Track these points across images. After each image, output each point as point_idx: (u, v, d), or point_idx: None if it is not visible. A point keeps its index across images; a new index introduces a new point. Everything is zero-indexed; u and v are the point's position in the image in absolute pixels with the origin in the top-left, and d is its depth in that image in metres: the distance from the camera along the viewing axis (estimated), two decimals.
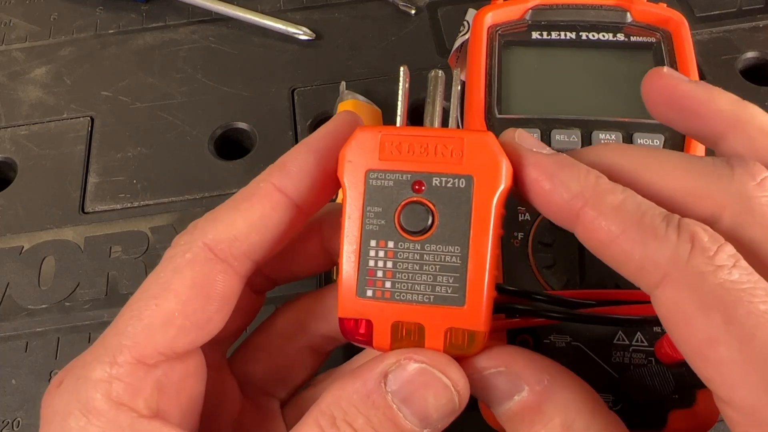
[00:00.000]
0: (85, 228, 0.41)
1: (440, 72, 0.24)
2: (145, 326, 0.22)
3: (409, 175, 0.22)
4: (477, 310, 0.21)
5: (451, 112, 0.25)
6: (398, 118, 0.24)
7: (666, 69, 0.23)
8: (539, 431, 0.20)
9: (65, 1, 0.54)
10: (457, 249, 0.21)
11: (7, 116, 0.47)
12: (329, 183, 0.24)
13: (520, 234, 0.28)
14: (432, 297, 0.21)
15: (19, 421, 0.34)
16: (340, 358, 0.31)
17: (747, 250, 0.19)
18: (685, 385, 0.25)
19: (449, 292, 0.21)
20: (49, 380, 0.35)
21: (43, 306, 0.38)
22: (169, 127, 0.46)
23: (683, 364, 0.24)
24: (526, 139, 0.22)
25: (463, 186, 0.21)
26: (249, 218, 0.23)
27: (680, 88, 0.23)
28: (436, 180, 0.22)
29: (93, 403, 0.21)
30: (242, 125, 0.45)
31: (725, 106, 0.22)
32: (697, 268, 0.18)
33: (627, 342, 0.25)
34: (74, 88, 0.48)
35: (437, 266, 0.21)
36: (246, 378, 0.27)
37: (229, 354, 0.28)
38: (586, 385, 0.21)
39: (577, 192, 0.20)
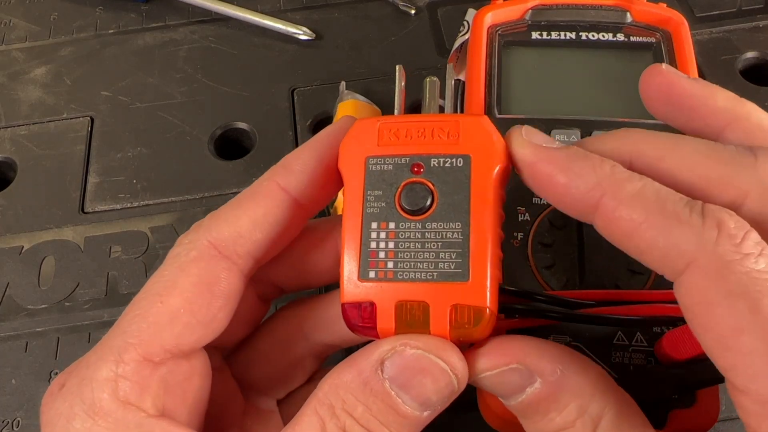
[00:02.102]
0: (85, 228, 0.41)
1: (435, 78, 0.25)
2: (150, 323, 0.22)
3: (407, 158, 0.22)
4: (481, 284, 0.21)
5: (446, 106, 0.25)
6: (396, 113, 0.25)
7: (665, 66, 0.23)
8: (554, 419, 0.21)
9: (65, 1, 0.54)
10: (458, 225, 0.21)
11: (7, 116, 0.47)
12: (331, 181, 0.24)
13: (519, 234, 0.28)
14: (435, 274, 0.21)
15: (18, 421, 0.35)
16: (339, 354, 0.31)
17: None
18: (685, 385, 0.25)
19: (452, 267, 0.21)
20: (49, 380, 0.35)
21: (43, 306, 0.38)
22: (169, 127, 0.46)
23: (683, 364, 0.24)
24: (535, 135, 0.22)
25: (461, 165, 0.22)
26: (253, 216, 0.23)
27: (679, 85, 0.23)
28: (434, 161, 0.22)
29: (99, 404, 0.21)
30: (242, 125, 0.45)
31: (723, 103, 0.22)
32: (724, 256, 0.18)
33: (626, 342, 0.25)
34: (74, 88, 0.48)
35: (439, 243, 0.21)
36: (246, 381, 0.27)
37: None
38: (599, 368, 0.21)
39: (594, 183, 0.20)
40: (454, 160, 0.22)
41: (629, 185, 0.19)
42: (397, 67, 0.25)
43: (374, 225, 0.22)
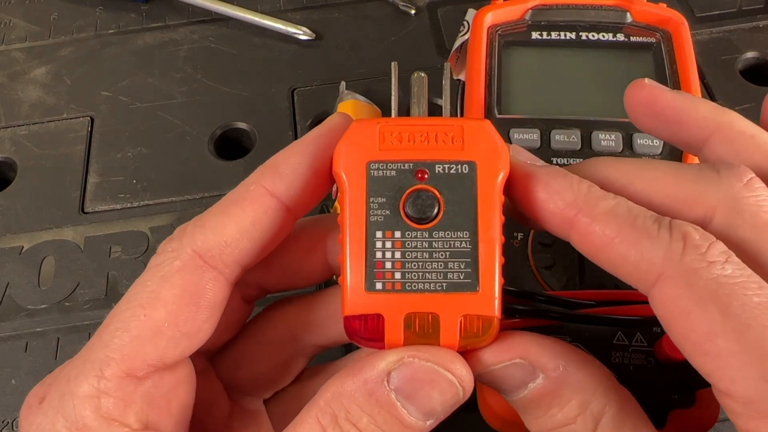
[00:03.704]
0: (85, 228, 0.41)
1: (422, 74, 0.24)
2: (133, 338, 0.21)
3: (411, 164, 0.22)
4: (490, 294, 0.21)
5: (444, 106, 0.25)
6: (393, 112, 0.24)
7: (647, 80, 0.24)
8: (555, 415, 0.21)
9: (65, 1, 0.54)
10: (466, 234, 0.21)
11: (7, 116, 0.47)
12: (321, 185, 0.23)
13: (519, 234, 0.28)
14: (445, 284, 0.21)
15: (18, 421, 0.34)
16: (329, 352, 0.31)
17: (739, 250, 0.19)
18: (684, 385, 0.25)
19: (462, 278, 0.21)
20: None
21: (43, 306, 0.38)
22: (169, 127, 0.46)
23: (683, 365, 0.24)
24: (520, 152, 0.23)
25: (466, 172, 0.21)
26: (240, 223, 0.22)
27: (662, 98, 0.23)
28: (439, 167, 0.21)
29: (82, 421, 0.21)
30: (242, 125, 0.45)
31: (705, 113, 0.23)
32: (691, 265, 0.18)
33: (626, 342, 0.25)
34: (74, 88, 0.48)
35: (447, 253, 0.21)
36: (231, 383, 0.27)
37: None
38: (600, 364, 0.21)
39: (570, 200, 0.21)
40: (459, 166, 0.21)
41: (603, 203, 0.20)
42: (393, 64, 0.24)
43: (379, 234, 0.21)
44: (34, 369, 0.36)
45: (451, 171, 0.21)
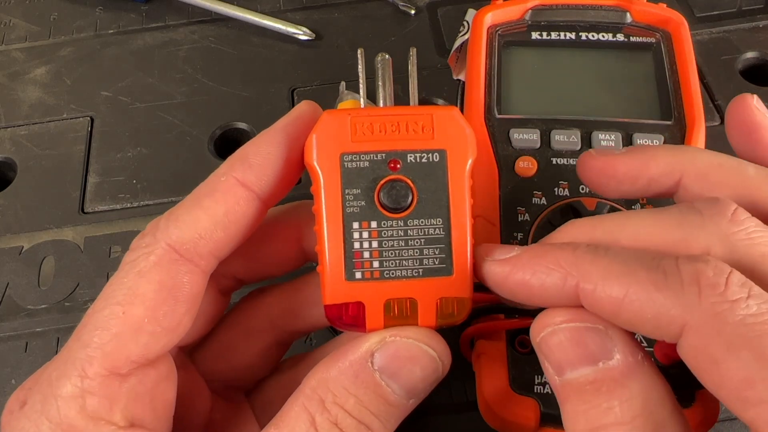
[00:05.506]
0: (84, 228, 0.41)
1: (386, 55, 0.25)
2: (113, 336, 0.21)
3: (384, 154, 0.22)
4: (464, 276, 0.22)
5: (410, 91, 0.25)
6: (361, 100, 0.25)
7: (594, 151, 0.24)
8: (613, 408, 0.18)
9: (65, 1, 0.54)
10: (439, 221, 0.22)
11: (7, 116, 0.47)
12: (291, 174, 0.24)
13: (519, 234, 0.28)
14: (421, 270, 0.22)
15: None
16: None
17: None
18: (684, 385, 0.24)
19: (437, 263, 0.22)
20: None
21: (43, 306, 0.38)
22: (169, 127, 0.46)
23: (683, 364, 0.24)
24: (494, 250, 0.22)
25: (437, 160, 0.22)
26: (213, 215, 0.23)
27: (618, 163, 0.23)
28: (411, 156, 0.22)
29: (68, 421, 0.21)
30: (242, 125, 0.45)
31: (667, 159, 0.22)
32: (713, 309, 0.17)
33: None
34: (74, 88, 0.48)
35: (422, 240, 0.22)
36: (212, 375, 0.27)
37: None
38: (666, 381, 0.20)
39: (563, 274, 0.19)
40: (430, 155, 0.22)
41: (596, 264, 0.19)
42: (359, 51, 0.25)
43: (356, 225, 0.22)
44: (34, 369, 0.35)
45: (423, 160, 0.22)
